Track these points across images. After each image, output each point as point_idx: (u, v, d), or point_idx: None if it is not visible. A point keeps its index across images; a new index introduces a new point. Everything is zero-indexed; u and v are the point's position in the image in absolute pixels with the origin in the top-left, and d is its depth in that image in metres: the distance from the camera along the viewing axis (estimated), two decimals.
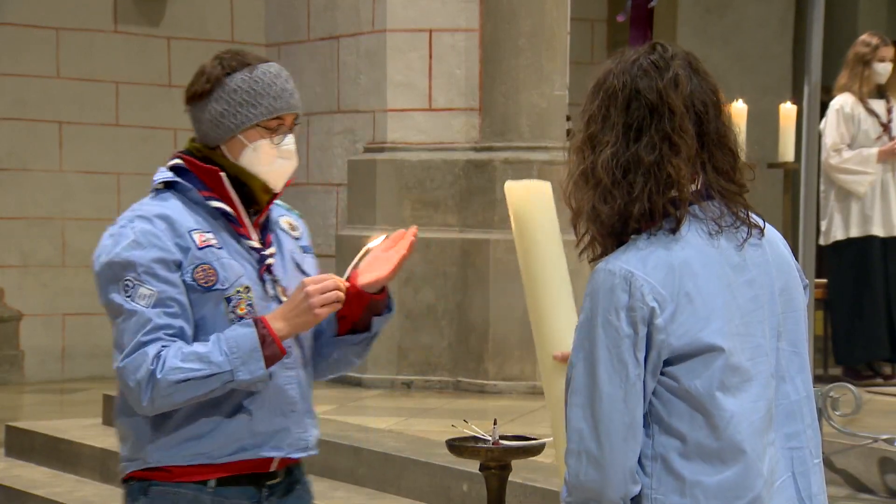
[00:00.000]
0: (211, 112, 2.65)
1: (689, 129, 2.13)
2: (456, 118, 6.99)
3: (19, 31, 9.70)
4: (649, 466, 2.09)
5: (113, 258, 2.57)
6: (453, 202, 6.90)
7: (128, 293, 2.55)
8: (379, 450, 5.36)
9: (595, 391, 2.07)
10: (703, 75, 2.18)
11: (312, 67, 7.47)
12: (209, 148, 2.68)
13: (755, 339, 2.14)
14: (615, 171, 2.11)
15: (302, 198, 7.53)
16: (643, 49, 2.19)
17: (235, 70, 2.64)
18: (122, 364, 2.55)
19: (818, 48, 4.44)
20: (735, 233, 2.15)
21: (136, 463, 2.65)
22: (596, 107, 2.17)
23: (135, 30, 10.26)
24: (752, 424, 2.10)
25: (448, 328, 6.84)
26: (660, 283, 2.08)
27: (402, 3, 6.97)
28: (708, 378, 2.08)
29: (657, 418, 2.09)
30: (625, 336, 2.06)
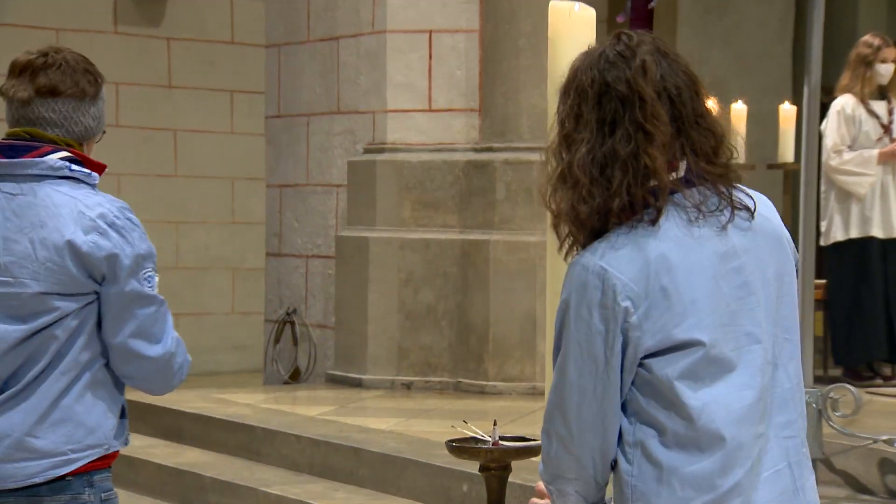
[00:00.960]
0: (98, 109, 2.76)
1: (661, 116, 2.10)
2: (456, 119, 6.99)
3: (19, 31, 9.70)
4: (630, 453, 2.09)
5: (137, 250, 2.67)
6: (453, 203, 6.90)
7: (150, 283, 2.70)
8: (379, 450, 5.36)
9: (564, 382, 2.09)
10: (673, 58, 2.14)
11: (312, 68, 7.47)
12: (78, 143, 2.76)
13: (743, 328, 2.11)
14: (592, 169, 2.09)
15: (302, 198, 7.54)
16: (609, 41, 2.17)
17: (102, 75, 2.81)
18: (173, 349, 2.73)
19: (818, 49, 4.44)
20: (718, 216, 2.11)
21: (97, 449, 2.68)
22: (568, 106, 2.14)
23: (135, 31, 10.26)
24: (731, 413, 2.08)
25: (448, 329, 6.84)
26: (633, 279, 2.06)
27: (402, 4, 6.97)
28: (679, 370, 2.07)
29: (636, 407, 2.09)
30: (596, 332, 2.07)
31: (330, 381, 7.12)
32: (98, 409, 2.66)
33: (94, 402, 2.66)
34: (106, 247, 2.62)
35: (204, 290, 10.35)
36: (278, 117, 7.73)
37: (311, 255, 7.49)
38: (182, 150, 10.52)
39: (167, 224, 10.45)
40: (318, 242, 7.47)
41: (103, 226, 2.63)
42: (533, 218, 6.39)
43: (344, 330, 7.09)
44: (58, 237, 2.62)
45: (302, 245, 7.56)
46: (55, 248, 2.62)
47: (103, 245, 2.62)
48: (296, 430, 5.80)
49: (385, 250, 6.89)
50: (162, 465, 5.88)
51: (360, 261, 6.96)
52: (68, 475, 2.64)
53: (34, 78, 2.70)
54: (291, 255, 7.61)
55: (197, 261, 10.48)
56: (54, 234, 2.62)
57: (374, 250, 6.90)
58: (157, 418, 6.40)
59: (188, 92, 10.49)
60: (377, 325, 6.89)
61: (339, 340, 7.13)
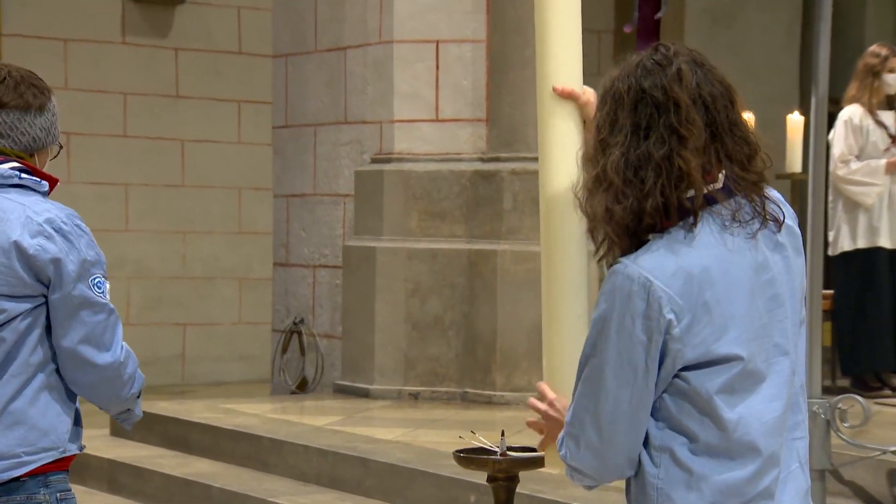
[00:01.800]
0: (46, 121, 2.82)
1: (696, 121, 2.13)
2: (463, 129, 6.99)
3: (27, 41, 9.73)
4: (656, 457, 2.13)
5: (84, 256, 2.70)
6: (460, 213, 6.91)
7: (100, 289, 2.73)
8: (386, 461, 5.35)
9: (601, 388, 2.11)
10: (709, 68, 2.19)
11: (319, 78, 7.48)
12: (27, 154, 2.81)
13: (773, 340, 2.16)
14: (626, 171, 2.12)
15: (309, 208, 7.54)
16: (647, 51, 2.21)
17: (50, 89, 2.87)
18: (122, 358, 2.76)
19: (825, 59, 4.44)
20: (751, 225, 2.15)
21: (51, 452, 2.71)
22: (605, 113, 2.19)
23: (142, 41, 10.28)
24: (764, 424, 2.13)
25: (455, 339, 6.84)
26: (678, 292, 2.09)
27: (409, 14, 6.98)
28: (718, 384, 2.11)
29: (667, 413, 2.13)
30: (638, 342, 2.09)
31: (337, 391, 7.12)
32: (52, 412, 2.71)
33: (48, 405, 2.70)
34: (51, 250, 2.68)
35: (211, 300, 10.36)
36: (285, 127, 7.74)
37: (318, 265, 7.50)
38: (189, 159, 10.54)
39: (174, 234, 10.47)
40: (325, 252, 7.47)
41: (49, 230, 2.69)
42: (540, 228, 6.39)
43: (351, 340, 7.09)
44: (4, 240, 2.68)
45: (309, 255, 7.56)
46: (2, 250, 2.68)
47: (49, 249, 2.68)
48: (303, 440, 5.80)
49: (392, 260, 6.90)
50: (170, 476, 5.88)
51: (367, 271, 6.96)
52: (22, 476, 2.68)
53: None
54: (298, 265, 7.62)
55: (204, 271, 10.49)
56: (1, 238, 2.68)
57: (381, 260, 6.91)
58: (165, 428, 6.40)
59: (195, 102, 10.51)
60: (384, 335, 6.89)
61: (347, 350, 7.14)
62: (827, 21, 4.35)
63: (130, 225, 10.33)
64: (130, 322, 9.75)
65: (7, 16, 9.70)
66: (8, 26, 9.72)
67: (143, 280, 10.23)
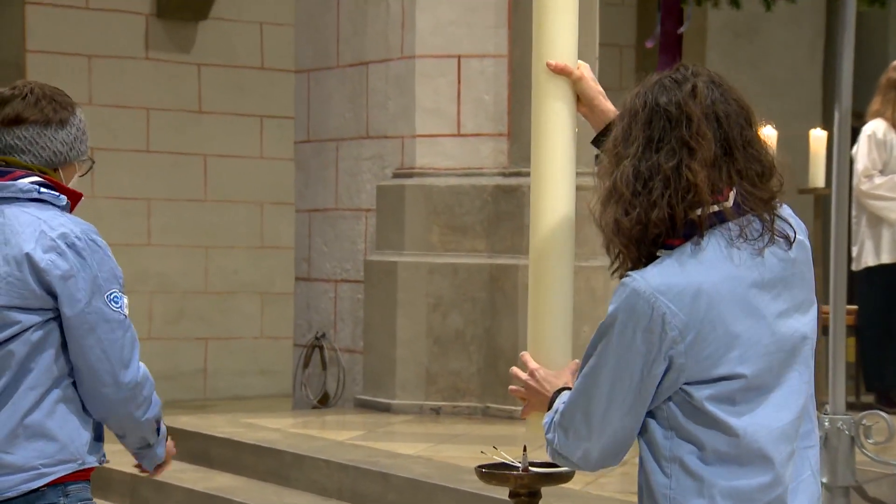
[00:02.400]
0: (68, 135, 2.81)
1: (706, 134, 2.16)
2: (484, 143, 6.99)
3: (51, 58, 9.79)
4: (667, 467, 2.17)
5: (97, 272, 2.68)
6: (482, 227, 6.90)
7: (118, 304, 2.71)
8: (408, 476, 5.34)
9: (595, 389, 2.19)
10: (726, 88, 2.22)
11: (341, 93, 7.50)
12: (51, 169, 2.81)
13: (782, 354, 2.19)
14: (635, 183, 2.17)
15: (331, 223, 7.55)
16: (668, 70, 2.25)
17: (75, 105, 2.86)
18: (139, 379, 2.74)
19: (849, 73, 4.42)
20: (758, 242, 2.18)
21: (70, 464, 2.70)
22: (620, 129, 2.23)
23: (165, 56, 10.33)
24: (771, 432, 2.17)
25: (477, 354, 6.83)
26: (683, 309, 2.13)
27: (431, 30, 6.99)
28: (722, 398, 2.15)
29: (674, 424, 2.17)
30: (637, 353, 2.15)
31: (359, 405, 7.12)
32: (70, 425, 2.70)
33: (66, 417, 2.70)
34: (62, 267, 2.67)
35: (233, 314, 10.38)
36: (307, 142, 7.75)
37: (339, 280, 7.50)
38: (212, 174, 10.57)
39: (196, 248, 10.49)
40: (346, 267, 7.48)
41: (62, 246, 2.68)
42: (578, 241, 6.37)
43: (373, 354, 7.09)
44: (18, 252, 2.68)
45: (331, 269, 7.57)
46: (16, 262, 2.68)
47: (60, 265, 2.67)
48: (325, 454, 5.79)
49: (413, 275, 6.89)
50: (192, 490, 5.88)
51: (388, 285, 6.96)
52: (42, 487, 2.68)
53: (1, 109, 2.80)
54: (320, 279, 7.62)
55: (226, 285, 10.51)
56: (15, 250, 2.68)
57: (403, 275, 6.91)
58: (186, 443, 6.40)
59: (218, 117, 10.55)
60: (406, 349, 6.88)
61: (368, 365, 7.13)
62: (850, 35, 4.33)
63: (153, 239, 10.36)
64: (152, 336, 9.78)
65: (32, 32, 9.76)
66: (33, 42, 9.78)
67: (166, 294, 10.26)
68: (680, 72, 2.22)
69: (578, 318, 2.66)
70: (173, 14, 10.28)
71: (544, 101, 2.49)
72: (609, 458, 2.23)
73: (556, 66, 2.47)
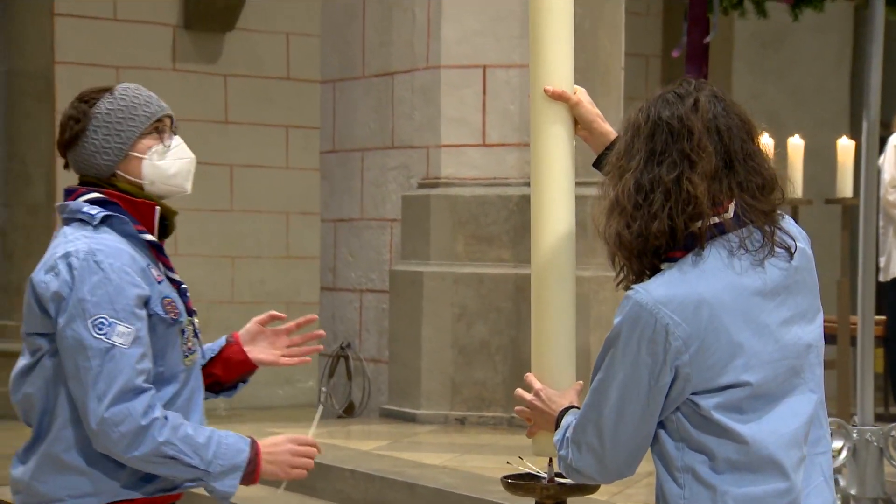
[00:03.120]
0: (94, 144, 2.66)
1: (707, 147, 2.20)
2: (510, 154, 6.98)
3: (80, 69, 9.84)
4: (680, 478, 2.20)
5: (85, 294, 2.52)
6: (507, 237, 6.89)
7: (102, 331, 2.51)
8: (433, 486, 5.33)
9: (605, 401, 2.22)
10: (729, 103, 2.26)
11: (367, 103, 7.50)
12: (107, 179, 2.67)
13: (788, 362, 2.22)
14: (636, 196, 2.20)
15: (356, 233, 7.55)
16: (671, 85, 2.30)
17: (98, 99, 2.68)
18: (106, 415, 2.50)
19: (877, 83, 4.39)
20: (759, 253, 2.21)
21: (99, 497, 2.61)
22: (624, 142, 2.27)
23: (192, 67, 10.36)
24: (780, 438, 2.19)
25: (502, 364, 6.81)
26: (687, 321, 2.16)
27: (456, 40, 6.99)
28: (729, 406, 2.18)
29: (685, 434, 2.20)
30: (643, 364, 2.18)
31: (384, 415, 7.11)
32: (105, 460, 2.58)
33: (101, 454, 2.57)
34: (53, 287, 2.55)
35: None
36: (333, 152, 7.76)
37: (365, 290, 7.50)
38: (238, 184, 10.60)
39: (223, 258, 10.52)
40: (372, 277, 7.48)
41: (60, 266, 2.56)
42: (586, 252, 6.36)
43: (398, 364, 7.08)
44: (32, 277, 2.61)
45: (356, 279, 7.57)
46: (28, 287, 2.62)
47: (51, 285, 2.55)
48: (350, 464, 5.79)
49: (439, 285, 6.89)
50: None
51: (413, 295, 6.96)
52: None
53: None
54: (346, 289, 7.63)
55: (252, 295, 10.53)
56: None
57: (428, 285, 6.90)
58: None
59: (244, 127, 10.58)
60: (431, 359, 6.88)
61: (393, 375, 7.13)
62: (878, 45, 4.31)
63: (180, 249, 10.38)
64: None
65: (60, 44, 9.81)
66: (61, 54, 9.83)
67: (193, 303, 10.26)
68: (683, 86, 2.26)
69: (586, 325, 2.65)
70: (200, 25, 10.32)
71: (543, 125, 2.52)
72: (623, 468, 2.26)
73: (553, 92, 2.51)
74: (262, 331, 2.91)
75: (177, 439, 2.57)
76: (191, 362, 2.71)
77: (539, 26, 2.54)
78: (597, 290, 6.54)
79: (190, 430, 2.60)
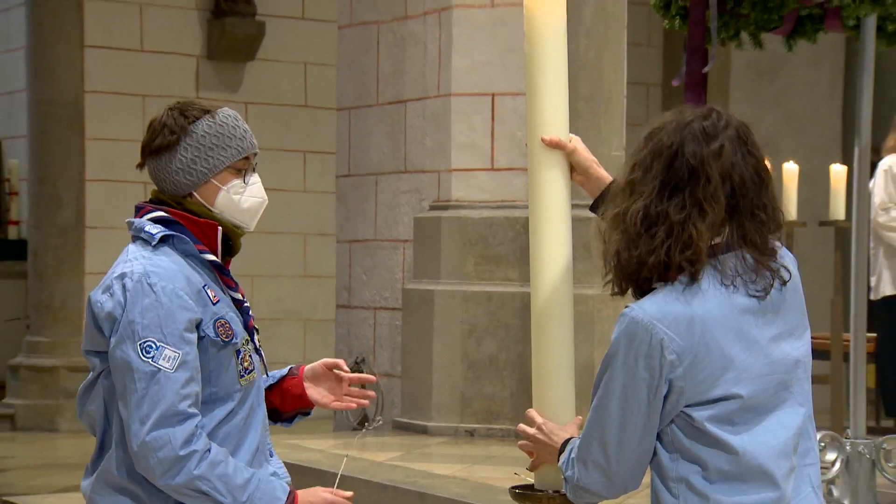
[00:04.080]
0: (181, 161, 2.55)
1: (720, 200, 2.18)
2: (517, 177, 6.98)
3: (108, 98, 9.87)
4: (675, 488, 2.19)
5: (136, 316, 2.44)
6: (514, 257, 6.89)
7: (149, 354, 2.43)
8: (444, 495, 5.31)
9: (607, 417, 2.21)
10: (751, 147, 2.22)
11: (381, 130, 7.51)
12: (181, 197, 2.57)
13: (777, 377, 2.21)
14: (641, 224, 2.19)
15: (370, 253, 7.55)
16: (700, 112, 2.25)
17: (198, 118, 2.57)
18: (147, 438, 2.43)
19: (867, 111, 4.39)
20: (754, 280, 2.20)
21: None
22: (642, 156, 2.24)
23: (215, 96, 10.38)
24: (770, 449, 2.18)
25: (510, 378, 6.80)
26: (680, 336, 2.16)
27: (466, 69, 7.00)
28: (720, 418, 2.17)
29: (679, 446, 2.19)
30: (640, 379, 2.18)
31: (396, 427, 7.10)
32: (153, 485, 2.50)
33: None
34: (108, 307, 2.47)
35: (277, 340, 10.39)
36: (348, 176, 7.77)
37: (378, 308, 7.50)
38: None
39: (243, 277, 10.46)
40: (385, 295, 7.47)
41: (115, 287, 2.48)
42: (590, 272, 6.35)
43: (410, 379, 7.07)
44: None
45: (370, 298, 7.57)
46: (87, 305, 2.55)
47: (106, 305, 2.48)
48: (364, 475, 5.77)
49: (449, 303, 6.88)
50: None
51: (425, 313, 6.95)
52: None
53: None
54: (360, 307, 7.62)
55: (270, 312, 10.54)
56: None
57: (439, 303, 6.89)
58: None
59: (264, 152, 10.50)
60: (441, 374, 6.86)
61: (406, 389, 7.12)
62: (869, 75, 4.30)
63: None
64: None
65: (89, 73, 9.86)
66: (90, 83, 9.87)
67: None
68: (712, 121, 2.21)
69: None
70: (223, 56, 10.36)
71: (540, 171, 2.52)
72: (629, 482, 2.24)
73: (550, 141, 2.52)
74: (327, 374, 2.81)
75: (213, 476, 2.47)
76: (247, 382, 2.59)
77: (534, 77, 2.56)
78: (600, 307, 6.53)
79: (229, 470, 2.49)
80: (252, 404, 2.62)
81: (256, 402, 2.65)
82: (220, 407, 2.55)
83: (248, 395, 2.61)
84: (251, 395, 2.62)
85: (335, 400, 2.82)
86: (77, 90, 9.80)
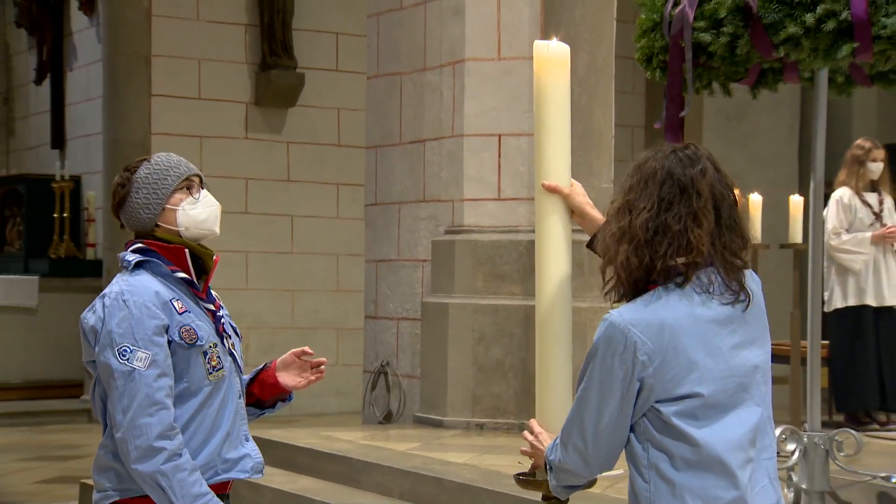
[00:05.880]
0: (137, 202, 2.66)
1: (711, 211, 2.19)
2: (521, 206, 6.99)
3: (171, 138, 9.93)
4: (646, 474, 2.18)
5: (113, 327, 2.55)
6: (518, 275, 6.88)
7: (125, 357, 2.53)
8: (458, 480, 5.30)
9: (586, 407, 2.21)
10: (722, 173, 2.25)
11: (403, 165, 7.53)
12: (151, 230, 2.68)
13: (737, 380, 2.19)
14: (648, 232, 2.18)
15: (394, 271, 7.56)
16: (680, 145, 2.28)
17: (138, 167, 2.69)
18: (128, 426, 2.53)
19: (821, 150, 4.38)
20: (723, 294, 2.20)
21: (125, 493, 2.61)
22: (636, 181, 2.24)
23: (261, 136, 10.44)
24: (728, 442, 2.17)
25: (514, 379, 6.78)
26: (652, 340, 2.15)
27: (476, 114, 7.01)
28: (684, 413, 2.16)
29: (650, 437, 2.18)
30: (615, 375, 2.17)
31: (416, 422, 7.08)
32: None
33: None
34: (91, 322, 2.59)
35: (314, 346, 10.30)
36: (375, 205, 7.79)
37: (401, 318, 7.50)
38: (297, 231, 10.64)
39: (284, 292, 10.54)
40: (406, 307, 7.47)
41: (97, 305, 2.60)
42: (583, 288, 6.35)
43: (428, 380, 7.06)
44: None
45: (394, 309, 7.57)
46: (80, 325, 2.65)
47: (90, 321, 2.59)
48: (389, 462, 5.76)
49: (462, 314, 6.87)
50: (279, 490, 5.86)
51: (441, 323, 6.94)
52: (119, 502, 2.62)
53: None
54: (385, 317, 7.62)
55: (308, 322, 10.55)
56: None
57: (453, 314, 6.89)
58: (275, 451, 6.39)
59: (303, 185, 10.63)
60: (455, 376, 6.85)
61: (424, 388, 7.10)
62: (822, 119, 4.30)
63: (249, 284, 10.43)
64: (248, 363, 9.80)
65: (156, 118, 9.92)
66: (156, 126, 9.94)
67: (259, 329, 10.30)
68: (691, 150, 2.24)
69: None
70: (268, 102, 10.41)
71: (544, 204, 2.52)
72: (604, 463, 2.24)
73: (549, 186, 2.51)
74: (296, 361, 2.90)
75: (174, 477, 2.52)
76: (215, 378, 2.65)
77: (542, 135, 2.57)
78: (592, 318, 6.51)
79: (190, 478, 2.53)
80: (224, 397, 2.68)
81: (229, 396, 2.70)
82: (192, 398, 2.61)
83: (220, 390, 2.67)
84: (222, 390, 2.68)
85: (301, 381, 2.89)
86: (145, 132, 9.86)
